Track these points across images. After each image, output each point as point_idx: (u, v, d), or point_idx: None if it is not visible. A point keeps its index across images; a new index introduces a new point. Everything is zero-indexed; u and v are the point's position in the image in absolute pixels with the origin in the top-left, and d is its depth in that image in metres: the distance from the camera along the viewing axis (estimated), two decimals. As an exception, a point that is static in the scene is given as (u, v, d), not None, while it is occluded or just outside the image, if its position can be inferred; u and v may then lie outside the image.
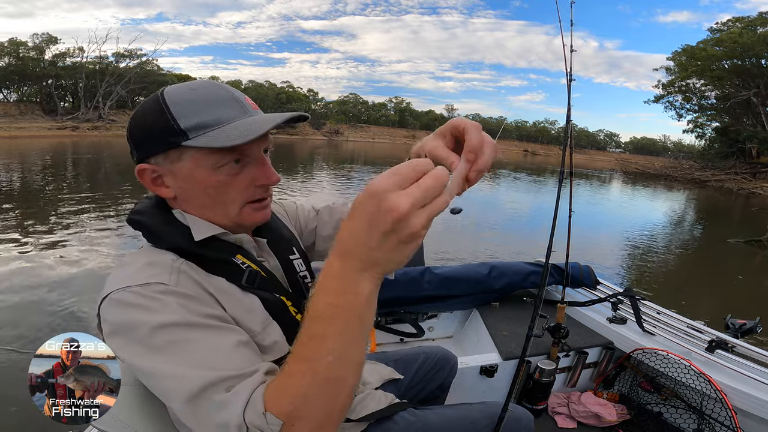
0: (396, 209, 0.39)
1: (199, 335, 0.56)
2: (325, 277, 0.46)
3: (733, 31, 27.58)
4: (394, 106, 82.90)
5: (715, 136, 33.55)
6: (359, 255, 0.43)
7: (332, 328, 0.46)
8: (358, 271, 0.44)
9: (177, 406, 0.54)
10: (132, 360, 0.56)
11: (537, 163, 38.91)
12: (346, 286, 0.44)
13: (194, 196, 0.67)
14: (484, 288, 2.15)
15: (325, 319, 0.46)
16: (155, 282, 0.59)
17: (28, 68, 33.90)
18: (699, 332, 1.75)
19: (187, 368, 0.53)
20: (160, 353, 0.54)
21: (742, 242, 8.40)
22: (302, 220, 0.97)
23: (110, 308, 0.58)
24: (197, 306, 0.59)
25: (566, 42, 1.68)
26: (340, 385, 0.48)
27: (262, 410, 0.49)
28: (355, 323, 0.46)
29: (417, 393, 1.21)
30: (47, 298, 3.67)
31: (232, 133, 0.61)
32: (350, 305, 0.45)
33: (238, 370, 0.54)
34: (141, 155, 0.66)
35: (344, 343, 0.47)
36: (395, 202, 0.39)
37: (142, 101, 0.67)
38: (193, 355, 0.54)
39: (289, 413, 0.49)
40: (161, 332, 0.55)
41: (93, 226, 6.13)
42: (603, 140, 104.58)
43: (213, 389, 0.52)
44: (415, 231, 0.40)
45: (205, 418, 0.53)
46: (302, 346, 0.48)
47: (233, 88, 0.68)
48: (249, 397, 0.51)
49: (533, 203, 12.62)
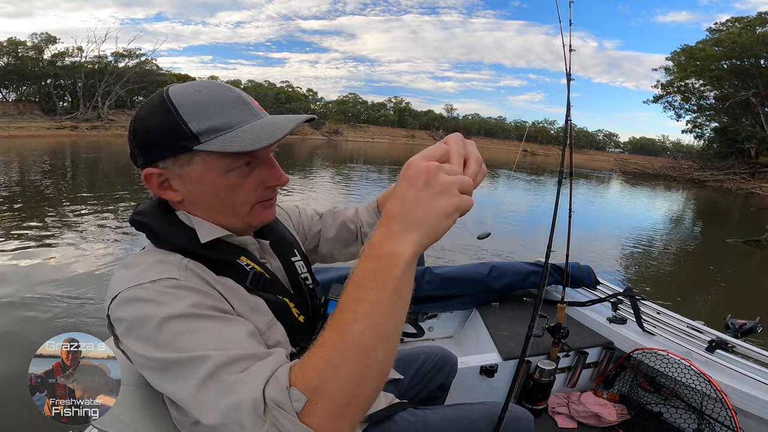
0: (428, 167, 0.46)
1: (209, 324, 0.55)
2: (368, 244, 0.48)
3: (732, 32, 27.61)
4: (393, 106, 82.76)
5: (714, 136, 33.61)
6: (400, 214, 0.46)
7: (367, 293, 0.46)
8: (399, 230, 0.46)
9: (187, 393, 0.52)
10: (145, 353, 0.55)
11: (536, 163, 38.93)
12: (386, 248, 0.46)
13: (203, 199, 0.66)
14: (484, 288, 2.15)
15: (362, 283, 0.46)
16: (166, 277, 0.59)
17: (27, 68, 33.85)
18: (699, 332, 1.75)
19: (199, 352, 0.51)
20: (170, 343, 0.53)
21: (741, 242, 8.42)
22: (305, 224, 0.97)
23: (121, 306, 0.57)
24: (207, 300, 0.59)
25: (566, 42, 1.69)
26: (370, 357, 0.45)
27: (287, 384, 0.47)
28: (390, 291, 0.45)
29: (417, 393, 1.21)
30: (44, 298, 3.66)
31: (246, 137, 0.61)
32: (388, 269, 0.45)
33: (250, 351, 0.53)
34: (148, 159, 0.64)
35: (377, 311, 0.45)
36: (426, 164, 0.46)
37: (144, 102, 0.66)
38: (204, 341, 0.53)
39: (315, 387, 0.46)
40: (172, 323, 0.54)
41: (92, 225, 6.13)
42: (602, 140, 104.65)
43: (225, 369, 0.50)
44: (445, 182, 0.46)
45: (213, 402, 0.49)
46: (337, 312, 0.47)
47: (239, 90, 0.67)
48: (270, 375, 0.49)
49: (533, 203, 12.63)
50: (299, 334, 0.74)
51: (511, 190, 14.31)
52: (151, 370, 0.56)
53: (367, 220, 0.95)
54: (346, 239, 0.96)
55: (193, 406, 0.51)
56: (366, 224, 0.94)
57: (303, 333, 0.75)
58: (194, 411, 0.51)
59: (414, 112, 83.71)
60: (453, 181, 0.46)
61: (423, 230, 0.46)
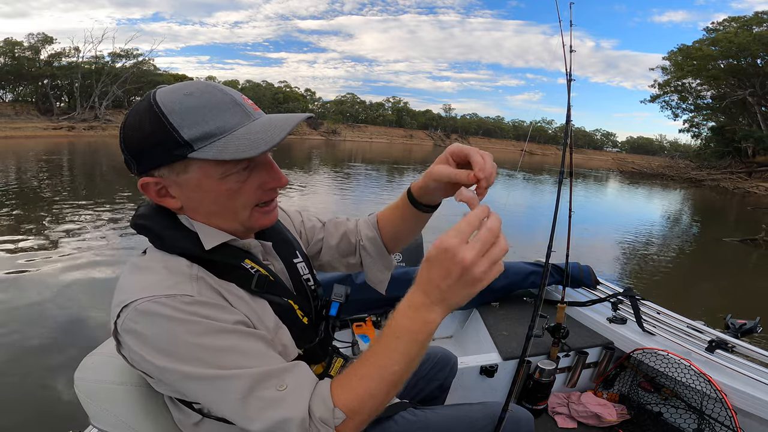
0: (463, 260, 0.52)
1: (233, 340, 0.59)
2: (407, 305, 0.58)
3: (729, 31, 27.71)
4: (391, 105, 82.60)
5: (711, 136, 33.73)
6: (435, 294, 0.56)
7: (404, 345, 0.58)
8: (432, 305, 0.56)
9: (230, 408, 0.58)
10: (174, 367, 0.57)
11: (534, 163, 38.99)
12: (421, 315, 0.57)
13: (203, 205, 0.65)
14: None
15: (400, 337, 0.58)
16: (181, 294, 0.59)
17: (23, 68, 33.71)
18: (699, 332, 1.75)
19: (232, 370, 0.57)
20: (202, 361, 0.56)
21: (737, 241, 8.44)
22: (308, 230, 0.97)
23: (137, 319, 0.57)
24: (224, 314, 0.61)
25: (566, 42, 1.67)
26: (396, 387, 0.60)
27: (332, 406, 0.58)
28: (419, 346, 0.58)
29: (417, 393, 1.21)
30: (43, 299, 3.64)
31: (241, 143, 0.59)
32: (420, 330, 0.57)
33: (275, 365, 0.60)
34: (143, 168, 0.63)
35: (409, 358, 0.58)
36: (462, 255, 0.52)
37: (132, 107, 0.63)
38: (234, 359, 0.58)
39: (354, 409, 0.58)
40: (200, 341, 0.57)
41: (90, 225, 6.10)
42: (600, 140, 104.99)
43: (264, 384, 0.57)
44: (477, 276, 0.53)
45: (259, 414, 0.57)
46: (376, 355, 0.60)
47: (230, 89, 0.64)
48: (312, 392, 0.59)
49: (531, 202, 12.64)
50: (304, 336, 0.74)
51: (511, 190, 14.33)
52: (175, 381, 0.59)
53: (366, 233, 0.94)
54: (346, 250, 0.96)
55: (237, 416, 0.58)
56: (365, 237, 0.94)
57: (307, 334, 0.75)
58: (238, 420, 0.58)
59: (412, 112, 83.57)
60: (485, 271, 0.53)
61: (453, 306, 0.57)
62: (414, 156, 37.08)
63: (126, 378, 0.74)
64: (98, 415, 0.74)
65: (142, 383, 0.74)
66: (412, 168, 22.54)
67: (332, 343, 0.85)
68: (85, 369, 0.76)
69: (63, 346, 2.97)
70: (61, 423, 2.12)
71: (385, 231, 0.93)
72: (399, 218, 0.89)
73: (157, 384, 0.67)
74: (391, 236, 0.93)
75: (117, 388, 0.73)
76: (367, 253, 0.93)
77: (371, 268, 0.95)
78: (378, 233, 0.93)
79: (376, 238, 0.93)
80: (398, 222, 0.90)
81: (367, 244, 0.93)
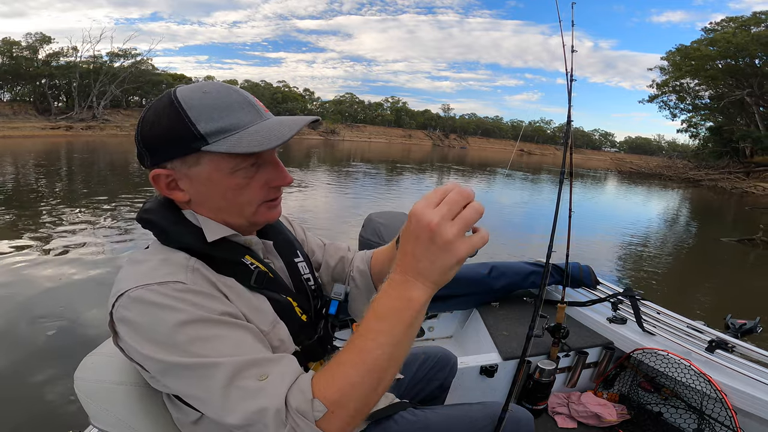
0: (430, 222, 0.50)
1: (220, 330, 0.58)
2: (388, 284, 0.55)
3: (727, 31, 27.79)
4: (390, 105, 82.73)
5: (709, 136, 33.82)
6: (410, 265, 0.53)
7: (387, 325, 0.54)
8: (411, 280, 0.53)
9: (209, 399, 0.56)
10: (155, 355, 0.56)
11: (533, 163, 39.03)
12: (401, 293, 0.54)
13: (210, 198, 0.68)
14: (484, 288, 2.14)
15: (384, 318, 0.54)
16: (173, 280, 0.60)
17: (21, 68, 33.55)
18: (699, 332, 1.75)
19: (215, 359, 0.55)
20: (185, 349, 0.56)
21: (735, 241, 8.46)
22: (311, 245, 0.99)
23: (129, 306, 0.58)
24: (215, 303, 0.61)
25: (567, 42, 1.67)
26: (382, 377, 0.55)
27: (311, 396, 0.54)
28: (405, 326, 0.54)
29: (417, 393, 1.21)
30: (41, 299, 3.63)
31: (253, 138, 0.63)
32: (405, 308, 0.54)
33: (259, 356, 0.58)
34: (156, 160, 0.66)
35: (393, 342, 0.54)
36: (428, 218, 0.50)
37: (151, 103, 0.67)
38: (218, 348, 0.57)
39: (335, 401, 0.54)
40: (185, 329, 0.56)
41: (89, 225, 6.09)
42: (598, 140, 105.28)
43: (244, 374, 0.55)
44: (448, 238, 0.50)
45: (237, 406, 0.54)
46: (358, 338, 0.55)
47: (245, 91, 0.69)
48: (292, 383, 0.56)
49: (530, 203, 12.66)
50: (302, 333, 0.75)
51: (508, 189, 14.35)
52: (158, 371, 0.58)
53: (358, 266, 0.96)
54: (338, 275, 0.98)
55: (215, 408, 0.56)
56: (356, 269, 0.96)
57: (306, 332, 0.76)
58: (215, 412, 0.56)
59: (411, 112, 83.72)
60: (456, 233, 0.50)
61: (433, 280, 0.53)
62: (413, 156, 37.10)
63: (126, 378, 0.74)
64: (98, 414, 0.75)
65: (142, 383, 0.74)
66: (410, 168, 22.56)
67: (332, 341, 0.85)
68: (85, 369, 0.77)
69: (63, 346, 2.96)
70: (61, 423, 2.12)
71: (375, 270, 0.95)
72: (389, 260, 0.91)
73: (152, 380, 0.67)
74: (381, 276, 0.94)
75: (117, 388, 0.74)
76: (355, 284, 0.95)
77: (356, 299, 0.96)
78: (368, 268, 0.95)
79: (366, 272, 0.95)
80: (387, 263, 0.91)
81: (356, 276, 0.95)
